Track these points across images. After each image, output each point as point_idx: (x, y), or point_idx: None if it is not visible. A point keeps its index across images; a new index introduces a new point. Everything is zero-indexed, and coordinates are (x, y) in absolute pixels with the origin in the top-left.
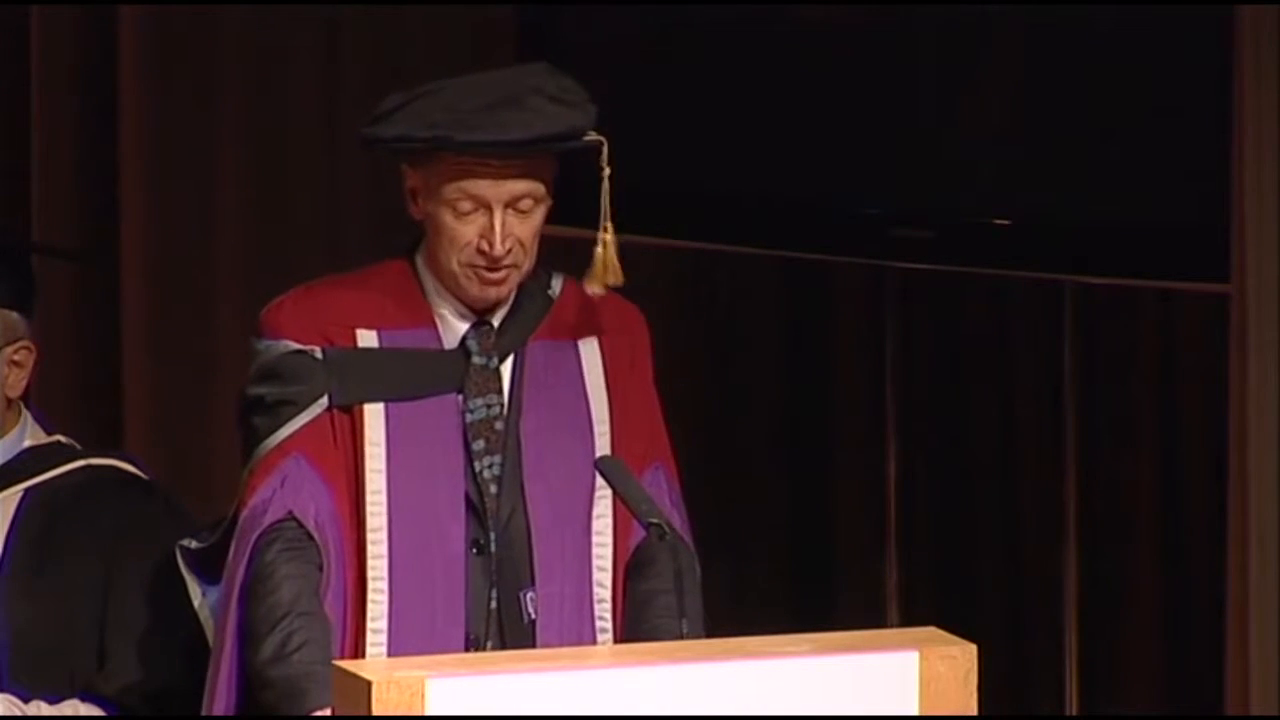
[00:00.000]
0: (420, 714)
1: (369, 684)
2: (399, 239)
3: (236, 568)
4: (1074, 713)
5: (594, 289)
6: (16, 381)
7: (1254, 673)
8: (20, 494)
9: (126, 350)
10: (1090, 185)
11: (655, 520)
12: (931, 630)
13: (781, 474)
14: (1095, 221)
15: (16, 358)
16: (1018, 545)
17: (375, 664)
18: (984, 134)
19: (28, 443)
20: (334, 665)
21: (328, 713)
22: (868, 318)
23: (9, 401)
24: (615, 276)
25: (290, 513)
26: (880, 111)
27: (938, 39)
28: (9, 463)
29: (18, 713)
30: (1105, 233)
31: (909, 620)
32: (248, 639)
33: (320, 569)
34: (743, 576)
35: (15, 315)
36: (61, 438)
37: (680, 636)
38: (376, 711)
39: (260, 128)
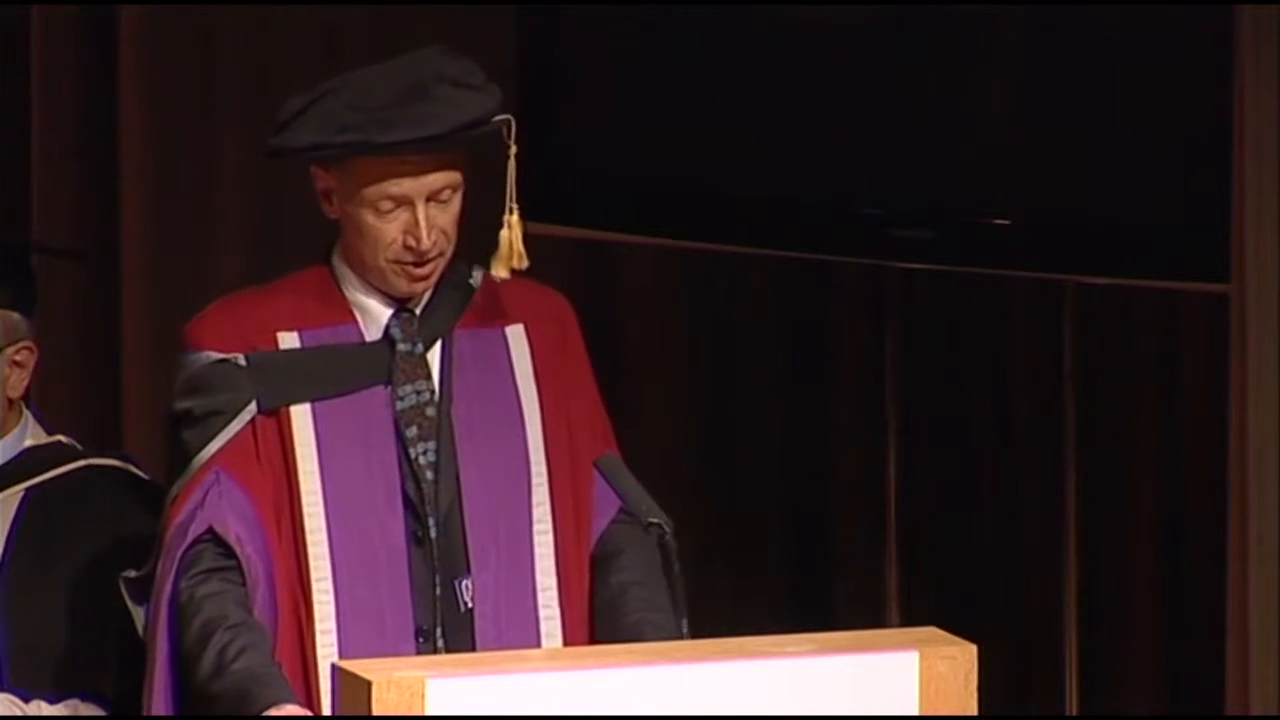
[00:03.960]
0: (420, 714)
1: (369, 684)
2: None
3: (163, 585)
4: (1074, 713)
5: (500, 274)
6: (17, 382)
7: (1254, 673)
8: (20, 494)
9: (126, 350)
10: (1090, 185)
11: (655, 520)
12: (931, 630)
13: (781, 474)
14: (1095, 221)
15: (17, 358)
16: (1018, 545)
17: (375, 664)
18: (984, 134)
19: (28, 443)
20: (334, 665)
21: (286, 710)
22: (868, 318)
23: (10, 402)
24: (520, 260)
25: (211, 528)
26: (880, 111)
27: (938, 39)
28: (9, 463)
29: (18, 713)
30: (1105, 233)
31: (909, 620)
32: (185, 666)
33: (244, 584)
34: (743, 576)
35: (16, 316)
36: (62, 438)
37: (663, 629)
38: (376, 711)
39: (260, 128)
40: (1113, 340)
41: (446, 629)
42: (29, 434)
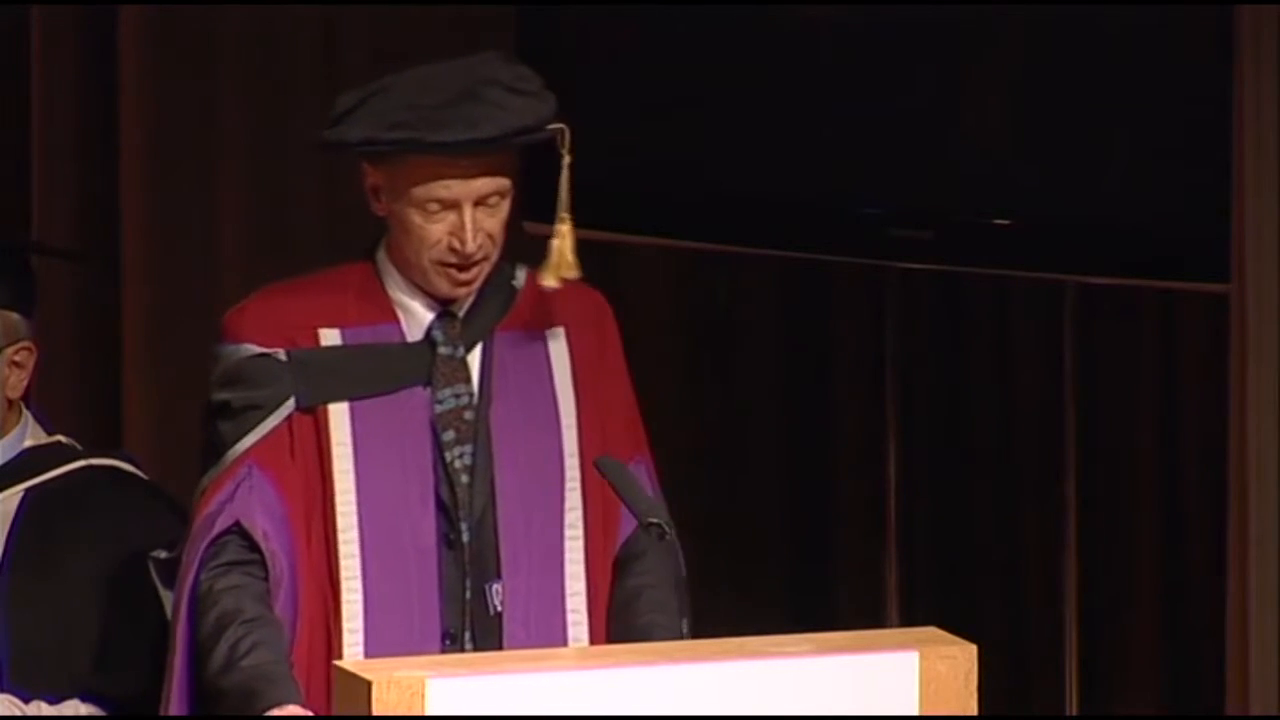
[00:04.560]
0: (420, 714)
1: (369, 684)
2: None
3: (185, 576)
4: (1074, 713)
5: (549, 283)
6: (17, 382)
7: (1254, 673)
8: (20, 494)
9: (127, 350)
10: (1090, 185)
11: (655, 520)
12: (931, 630)
13: (781, 474)
14: (1095, 221)
15: (17, 358)
16: (1018, 545)
17: (375, 664)
18: (984, 134)
19: (28, 443)
20: (334, 665)
21: (287, 710)
22: (868, 318)
23: (10, 402)
24: (570, 270)
25: (237, 522)
26: (880, 111)
27: (938, 39)
28: (9, 463)
29: (18, 713)
30: (1105, 233)
31: (909, 620)
32: (199, 657)
33: (265, 579)
34: (743, 576)
35: (15, 316)
36: (62, 438)
37: (671, 631)
38: (376, 711)
39: (260, 128)
40: (1113, 340)
41: (475, 632)
42: (29, 434)
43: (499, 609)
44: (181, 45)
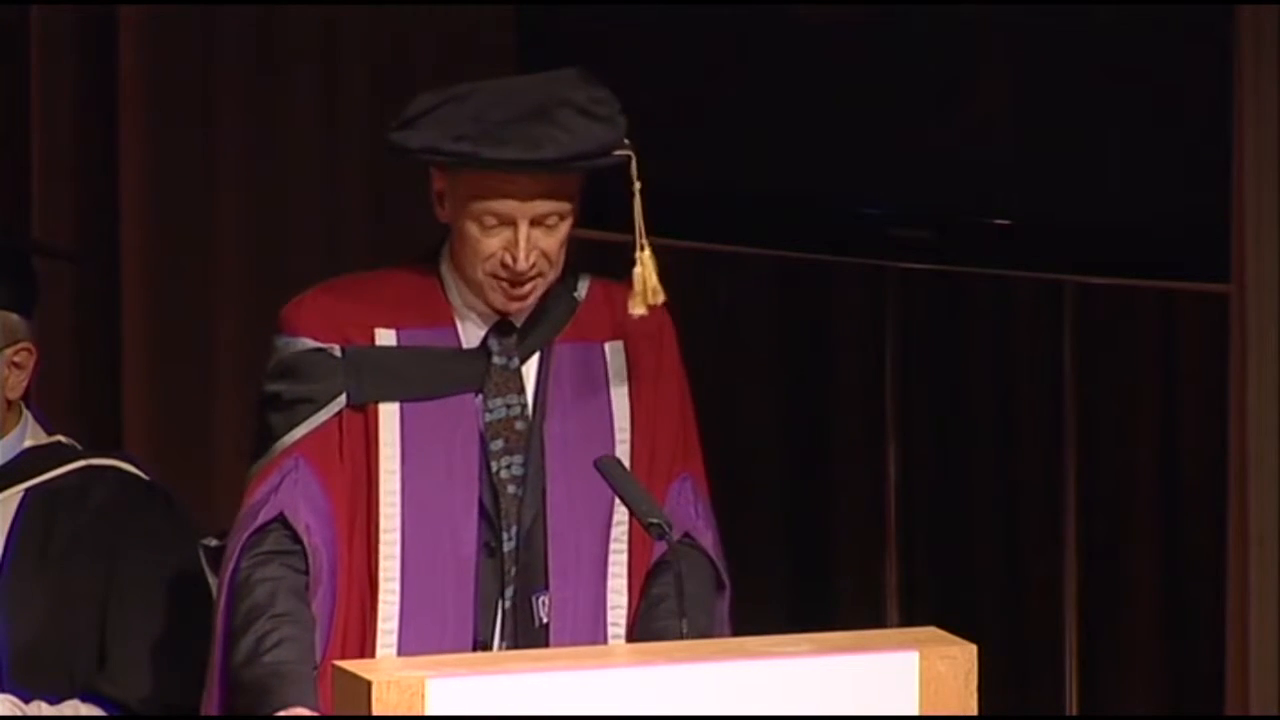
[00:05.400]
0: (420, 714)
1: (369, 684)
2: (399, 240)
3: (227, 564)
4: (1074, 713)
5: (638, 311)
6: (17, 383)
7: (1254, 673)
8: (20, 494)
9: (127, 350)
10: (1090, 185)
11: (655, 520)
12: (931, 630)
13: (781, 474)
14: (1095, 221)
15: (17, 359)
16: (1018, 545)
17: (375, 664)
18: (984, 134)
19: (28, 443)
20: (334, 665)
21: (298, 711)
22: (868, 318)
23: (9, 403)
24: (657, 296)
25: (281, 513)
26: (880, 111)
27: (937, 39)
28: (9, 463)
29: (18, 713)
30: (1105, 233)
31: (909, 620)
32: (229, 644)
33: (305, 573)
34: (743, 576)
35: (15, 317)
36: (62, 438)
37: (680, 636)
38: (376, 711)
39: (260, 128)
40: (1113, 340)
41: (520, 643)
42: (29, 434)
43: (545, 620)
44: (181, 45)
